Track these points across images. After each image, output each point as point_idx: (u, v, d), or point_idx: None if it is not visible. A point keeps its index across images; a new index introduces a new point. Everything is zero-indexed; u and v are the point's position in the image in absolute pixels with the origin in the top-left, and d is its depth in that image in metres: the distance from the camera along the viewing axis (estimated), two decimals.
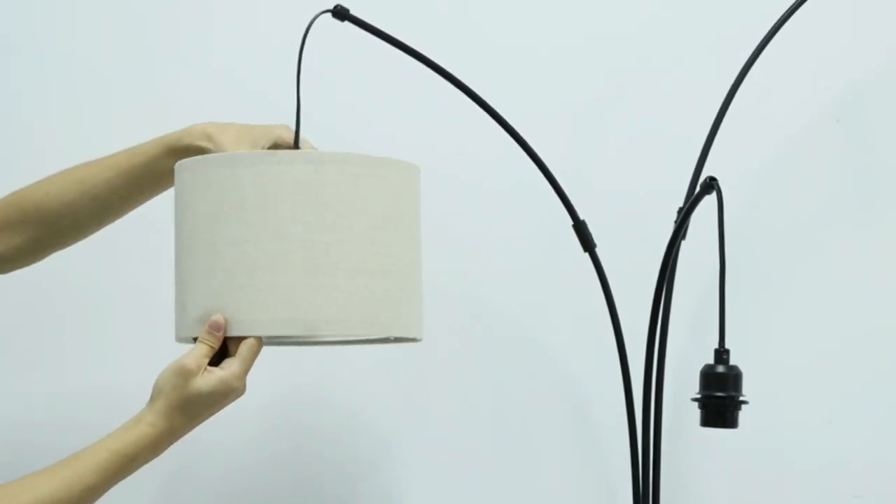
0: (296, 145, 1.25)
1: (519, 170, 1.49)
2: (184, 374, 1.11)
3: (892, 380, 1.60)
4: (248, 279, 1.11)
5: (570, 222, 1.44)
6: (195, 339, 1.15)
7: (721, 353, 1.20)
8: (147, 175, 1.28)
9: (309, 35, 1.25)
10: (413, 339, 1.24)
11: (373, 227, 1.14)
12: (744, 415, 1.20)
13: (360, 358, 1.61)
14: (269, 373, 1.62)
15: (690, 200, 1.28)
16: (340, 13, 1.33)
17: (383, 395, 1.65)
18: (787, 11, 1.44)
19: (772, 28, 1.44)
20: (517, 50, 1.69)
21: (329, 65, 1.67)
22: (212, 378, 1.12)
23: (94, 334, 1.67)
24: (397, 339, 1.27)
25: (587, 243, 1.44)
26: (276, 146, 1.28)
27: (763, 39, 1.44)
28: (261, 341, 1.15)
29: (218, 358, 1.14)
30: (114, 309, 1.67)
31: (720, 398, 1.19)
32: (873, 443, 1.59)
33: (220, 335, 1.12)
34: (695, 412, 1.21)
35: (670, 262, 1.35)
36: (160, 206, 1.35)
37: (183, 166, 1.18)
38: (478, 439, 1.64)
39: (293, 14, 1.36)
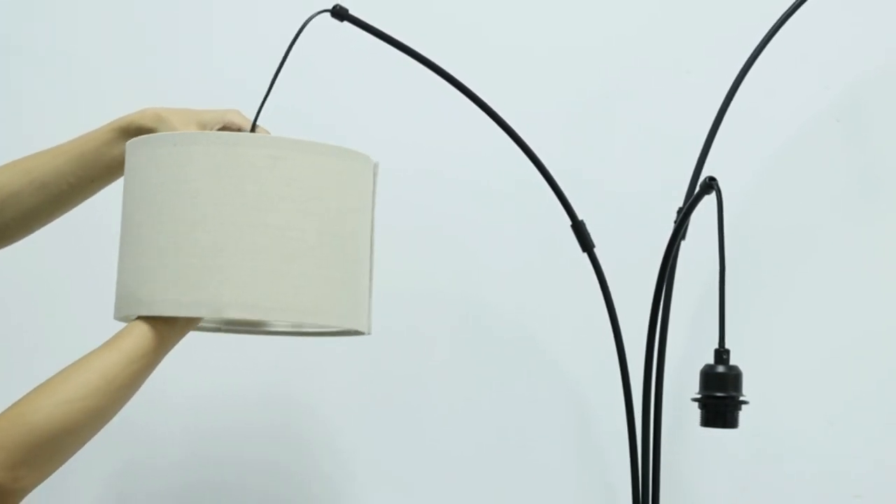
0: (252, 130, 1.23)
1: (517, 170, 1.49)
2: None
3: (893, 380, 1.60)
4: (184, 259, 1.09)
5: (569, 222, 1.44)
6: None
7: (721, 353, 1.20)
8: (98, 160, 1.23)
9: (308, 35, 1.24)
10: (357, 332, 1.22)
11: (317, 214, 1.12)
12: (744, 415, 1.20)
13: (358, 357, 1.61)
14: (256, 368, 1.64)
15: (690, 200, 1.28)
16: (339, 13, 1.33)
17: (381, 395, 1.65)
18: (786, 12, 1.44)
19: (771, 28, 1.44)
20: (515, 50, 1.69)
21: (328, 64, 1.67)
22: None
23: (52, 325, 1.67)
24: (345, 332, 1.25)
25: (586, 243, 1.44)
26: (225, 129, 1.24)
27: (763, 39, 1.44)
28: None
29: None
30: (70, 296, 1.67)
31: (720, 398, 1.19)
32: (874, 443, 1.59)
33: None
34: (695, 412, 1.21)
35: (670, 262, 1.34)
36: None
37: (133, 143, 1.16)
38: (477, 440, 1.64)
39: (293, 14, 1.36)
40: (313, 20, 1.26)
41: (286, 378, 1.65)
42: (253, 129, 1.23)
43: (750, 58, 1.44)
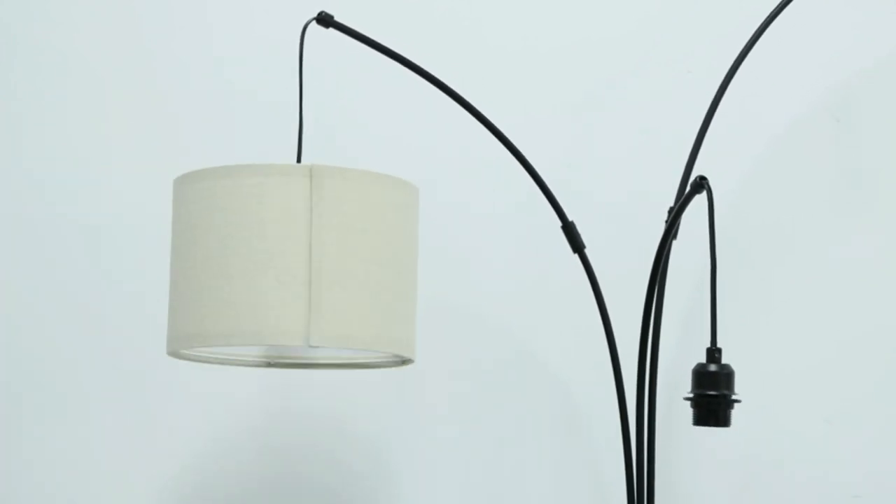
0: (298, 160, 1.24)
1: (506, 171, 1.49)
2: None
3: (890, 379, 1.60)
4: (244, 293, 1.10)
5: (559, 223, 1.43)
6: None
7: (713, 352, 1.20)
8: None
9: (296, 41, 1.24)
10: (406, 360, 1.24)
11: (372, 244, 1.13)
12: (740, 414, 1.20)
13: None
14: (265, 385, 1.64)
15: (681, 200, 1.28)
16: (325, 20, 1.32)
17: (379, 396, 1.65)
18: (775, 9, 1.43)
19: (760, 25, 1.43)
20: (504, 51, 1.69)
21: (316, 70, 1.66)
22: None
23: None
24: (390, 364, 1.27)
25: (576, 244, 1.43)
26: None
27: (751, 38, 1.43)
28: None
29: None
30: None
31: (712, 397, 1.19)
32: (872, 443, 1.59)
33: None
34: (688, 411, 1.21)
35: (661, 261, 1.34)
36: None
37: (179, 180, 1.18)
38: (471, 441, 1.64)
39: (283, 16, 1.36)
40: (302, 26, 1.26)
41: (286, 391, 1.66)
42: (298, 159, 1.23)
43: (738, 57, 1.43)
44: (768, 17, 1.43)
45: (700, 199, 1.21)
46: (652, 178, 1.61)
